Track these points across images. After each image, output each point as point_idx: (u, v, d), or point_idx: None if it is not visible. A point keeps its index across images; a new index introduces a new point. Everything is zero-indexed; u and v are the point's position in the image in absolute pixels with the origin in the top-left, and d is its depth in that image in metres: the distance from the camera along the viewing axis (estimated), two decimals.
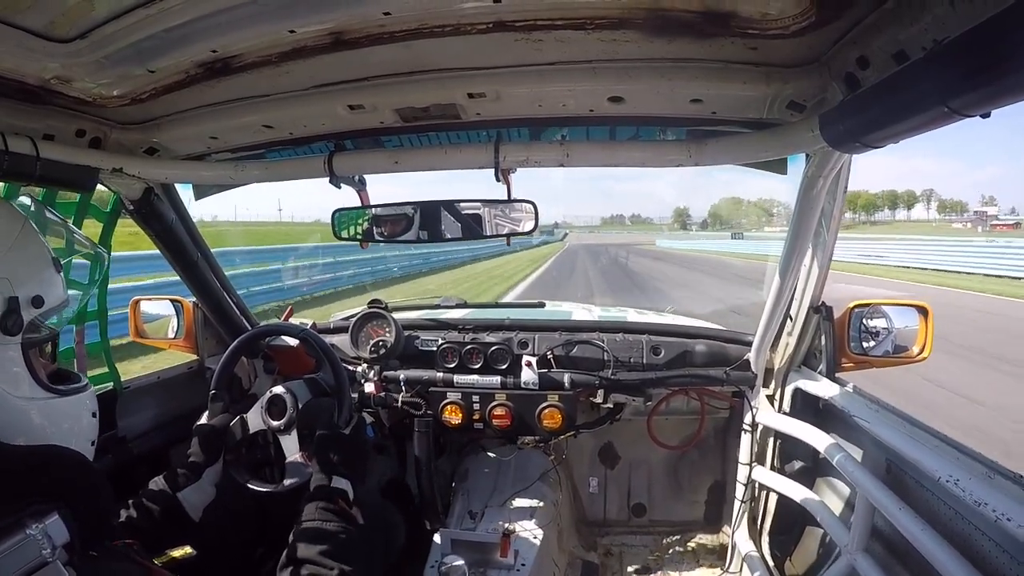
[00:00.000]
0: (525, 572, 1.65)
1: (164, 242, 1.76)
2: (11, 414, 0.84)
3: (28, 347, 0.88)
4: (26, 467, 0.79)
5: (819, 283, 1.58)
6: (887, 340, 1.65)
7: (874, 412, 1.40)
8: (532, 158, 1.29)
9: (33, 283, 0.89)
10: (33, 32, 0.91)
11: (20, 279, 0.87)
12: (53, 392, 0.90)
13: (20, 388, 0.86)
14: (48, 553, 0.71)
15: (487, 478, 2.07)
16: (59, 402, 0.91)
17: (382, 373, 1.95)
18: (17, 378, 0.86)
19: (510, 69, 1.11)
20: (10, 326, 0.85)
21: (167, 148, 1.47)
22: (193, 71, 1.09)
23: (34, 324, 0.89)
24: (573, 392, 1.89)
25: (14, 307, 0.85)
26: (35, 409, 0.88)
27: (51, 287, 0.92)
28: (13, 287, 0.86)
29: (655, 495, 2.38)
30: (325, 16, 0.90)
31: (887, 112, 0.81)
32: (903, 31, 0.78)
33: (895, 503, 1.20)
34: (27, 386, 0.87)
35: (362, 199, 1.49)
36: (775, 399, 1.83)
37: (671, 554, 2.26)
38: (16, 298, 0.85)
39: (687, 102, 1.16)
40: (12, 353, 0.86)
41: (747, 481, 1.88)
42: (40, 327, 0.92)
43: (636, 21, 0.90)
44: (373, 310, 2.10)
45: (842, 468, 1.40)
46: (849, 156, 1.17)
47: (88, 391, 0.98)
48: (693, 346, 2.01)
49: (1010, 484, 0.99)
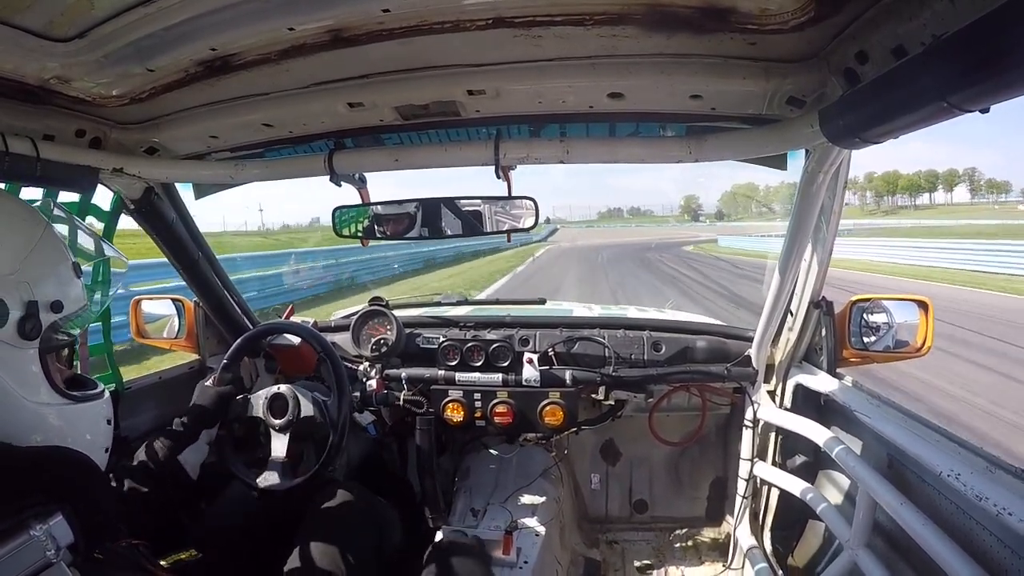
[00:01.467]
0: (528, 569, 1.65)
1: (165, 241, 1.76)
2: (27, 418, 0.84)
3: (46, 352, 0.88)
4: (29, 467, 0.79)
5: (819, 278, 1.58)
6: (888, 335, 1.65)
7: (875, 407, 1.40)
8: (532, 155, 1.30)
9: (52, 288, 0.88)
10: (32, 32, 0.91)
11: (40, 283, 0.86)
12: (69, 399, 0.90)
13: (37, 393, 0.86)
14: (52, 554, 0.70)
15: (489, 475, 2.07)
16: (75, 408, 0.90)
17: (384, 371, 1.95)
18: (35, 383, 0.86)
19: (510, 65, 1.11)
20: (28, 330, 0.84)
21: (167, 147, 1.47)
22: (192, 70, 1.09)
23: (53, 329, 0.89)
24: (575, 389, 1.89)
25: (33, 311, 0.85)
26: (51, 415, 0.87)
27: (70, 292, 0.92)
28: (33, 291, 0.85)
29: (657, 491, 2.38)
30: (325, 13, 0.90)
31: (886, 107, 0.81)
32: (902, 26, 0.78)
33: (896, 498, 1.20)
34: (44, 392, 0.87)
35: (363, 197, 1.49)
36: (776, 395, 1.83)
37: (673, 550, 2.26)
38: (35, 302, 0.85)
39: (687, 98, 1.16)
40: (30, 358, 0.85)
41: (748, 477, 1.88)
42: (59, 332, 0.91)
43: (635, 17, 0.90)
44: (374, 308, 2.10)
45: (843, 463, 1.40)
46: (848, 152, 1.17)
47: (104, 398, 0.98)
48: (694, 342, 2.01)
49: (1011, 479, 0.99)
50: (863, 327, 1.65)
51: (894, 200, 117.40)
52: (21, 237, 0.88)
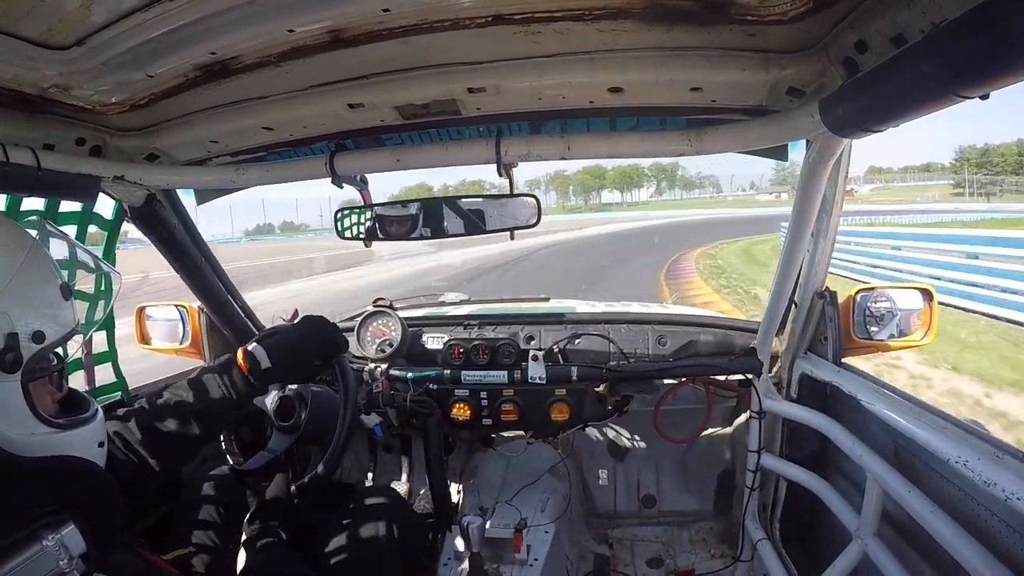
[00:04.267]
0: (538, 567, 1.66)
1: (167, 248, 1.76)
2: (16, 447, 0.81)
3: (29, 382, 0.84)
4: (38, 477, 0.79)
5: (823, 269, 1.58)
6: (892, 324, 1.66)
7: (881, 396, 1.40)
8: (533, 152, 1.30)
9: (34, 317, 0.85)
10: (30, 40, 0.90)
11: (20, 313, 0.83)
12: (55, 427, 0.86)
13: (20, 425, 0.83)
14: (65, 564, 0.70)
15: (496, 474, 2.08)
16: (63, 436, 0.87)
17: (389, 372, 1.96)
18: (18, 415, 0.83)
19: (509, 63, 1.11)
20: (9, 364, 0.81)
21: (168, 154, 1.47)
22: (192, 74, 1.09)
23: (35, 360, 0.85)
24: (581, 385, 1.89)
25: (12, 344, 0.81)
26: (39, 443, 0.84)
27: (56, 319, 0.88)
28: (12, 323, 0.82)
29: (664, 486, 2.39)
30: (324, 14, 0.90)
31: (886, 96, 0.82)
32: (901, 14, 0.78)
33: (905, 486, 1.21)
34: (28, 422, 0.84)
35: (364, 198, 1.49)
36: (782, 386, 1.83)
37: (682, 544, 2.26)
38: (16, 335, 0.82)
39: (687, 90, 1.16)
40: (11, 390, 0.82)
41: (756, 469, 1.88)
42: (44, 359, 0.88)
43: (634, 10, 0.90)
44: (378, 308, 2.10)
45: (851, 453, 1.40)
46: (849, 141, 1.17)
47: (95, 421, 0.94)
48: (699, 335, 2.01)
49: (1018, 463, 0.99)
50: (867, 316, 1.66)
51: (600, 196, 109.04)
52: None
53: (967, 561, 1.00)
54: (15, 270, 0.84)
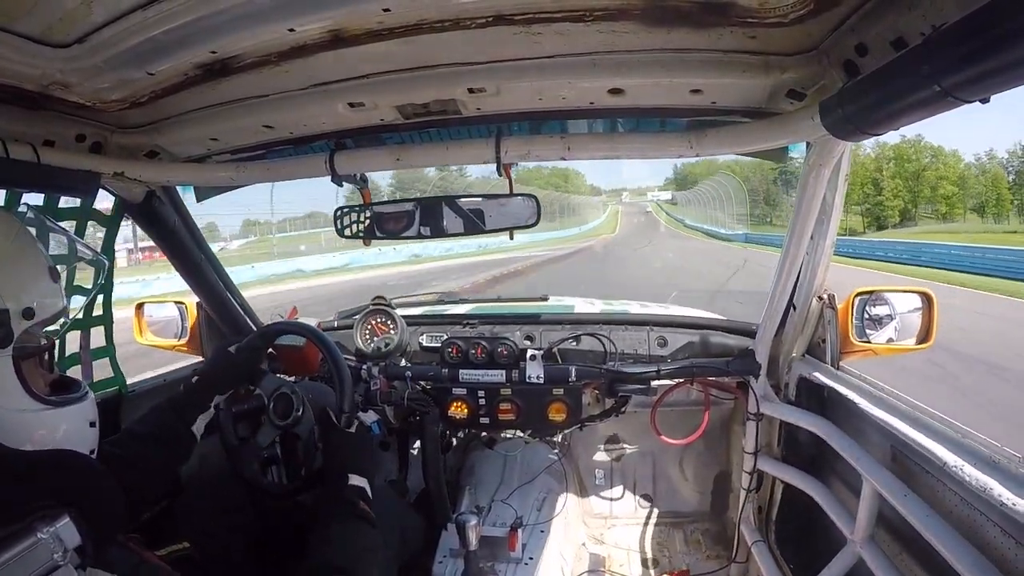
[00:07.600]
0: (533, 565, 1.66)
1: (167, 244, 1.77)
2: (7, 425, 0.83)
3: (21, 359, 0.87)
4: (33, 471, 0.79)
5: (822, 272, 1.58)
6: (890, 327, 1.65)
7: (879, 400, 1.40)
8: (533, 152, 1.30)
9: (25, 294, 0.87)
10: (31, 38, 0.91)
11: (11, 291, 0.86)
12: (47, 404, 0.89)
13: (12, 400, 0.85)
14: (59, 557, 0.70)
15: (493, 472, 2.08)
16: (53, 413, 0.89)
17: (387, 370, 1.96)
18: (10, 389, 0.85)
19: (510, 63, 1.11)
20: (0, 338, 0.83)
21: (168, 151, 1.47)
22: (192, 73, 1.09)
23: (26, 335, 0.88)
24: (579, 385, 1.90)
25: (3, 319, 0.84)
26: (31, 421, 0.86)
27: (45, 298, 0.90)
28: (3, 299, 0.84)
29: (661, 486, 2.39)
30: (324, 14, 0.90)
31: (886, 99, 0.81)
32: (901, 18, 0.78)
33: (901, 490, 1.21)
34: (20, 398, 0.86)
35: (364, 197, 1.49)
36: (780, 388, 1.83)
37: (678, 544, 2.27)
38: (6, 310, 0.84)
39: (687, 92, 1.16)
40: (3, 365, 0.84)
41: (752, 471, 1.88)
42: (34, 337, 0.90)
43: (635, 12, 0.90)
44: (377, 307, 2.11)
45: (847, 456, 1.40)
46: (849, 144, 1.17)
47: (86, 401, 0.96)
48: (697, 337, 2.01)
49: (1014, 468, 0.99)
50: (866, 320, 1.65)
51: None
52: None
53: (962, 566, 1.00)
54: (5, 250, 0.88)
